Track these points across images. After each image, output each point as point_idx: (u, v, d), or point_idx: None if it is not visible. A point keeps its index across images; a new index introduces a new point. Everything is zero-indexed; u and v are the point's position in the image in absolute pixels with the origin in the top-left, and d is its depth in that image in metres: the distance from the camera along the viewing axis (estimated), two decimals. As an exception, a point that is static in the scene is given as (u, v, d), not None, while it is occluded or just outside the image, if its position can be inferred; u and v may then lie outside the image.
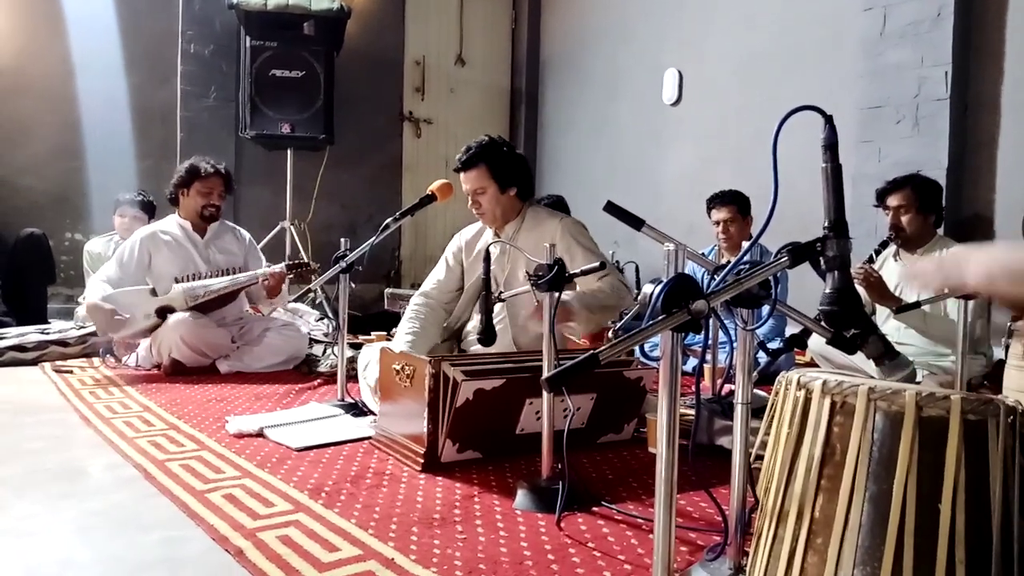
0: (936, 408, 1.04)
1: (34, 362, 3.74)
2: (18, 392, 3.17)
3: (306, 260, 4.03)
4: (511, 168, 2.71)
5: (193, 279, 3.65)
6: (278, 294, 3.73)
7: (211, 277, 3.68)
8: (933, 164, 3.71)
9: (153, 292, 3.59)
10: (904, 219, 3.34)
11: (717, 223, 4.04)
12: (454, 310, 2.88)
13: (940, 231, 3.42)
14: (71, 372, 3.54)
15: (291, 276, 3.68)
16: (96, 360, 3.84)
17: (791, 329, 3.68)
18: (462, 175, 2.71)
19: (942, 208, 3.39)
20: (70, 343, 3.92)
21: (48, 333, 3.95)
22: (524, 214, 2.78)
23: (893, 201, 3.35)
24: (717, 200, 4.05)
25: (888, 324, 3.41)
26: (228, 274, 3.69)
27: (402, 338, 2.73)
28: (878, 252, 3.34)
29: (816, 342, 2.82)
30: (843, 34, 4.27)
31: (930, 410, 1.05)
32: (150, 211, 4.67)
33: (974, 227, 3.73)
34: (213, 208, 3.79)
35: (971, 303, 2.49)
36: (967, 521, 1.03)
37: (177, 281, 3.64)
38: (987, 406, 1.05)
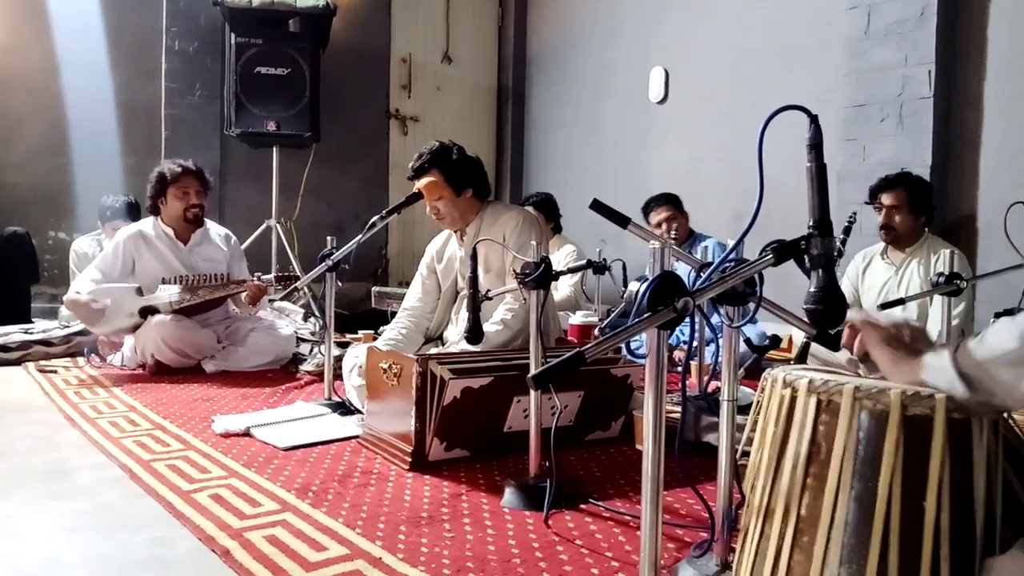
0: (921, 407, 1.05)
1: (18, 362, 3.71)
2: (2, 392, 3.14)
3: (296, 273, 4.02)
4: (462, 170, 2.74)
5: (179, 282, 3.64)
6: (258, 303, 3.73)
7: (196, 282, 3.66)
8: (917, 162, 3.73)
9: (139, 291, 3.57)
10: (897, 218, 3.36)
11: (658, 224, 4.17)
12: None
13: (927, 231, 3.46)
14: (55, 372, 3.51)
15: (278, 287, 3.67)
16: (81, 360, 3.82)
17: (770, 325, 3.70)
18: (416, 184, 2.73)
19: (932, 208, 3.42)
20: (54, 343, 3.89)
21: (32, 333, 3.92)
22: (483, 213, 2.81)
23: (887, 200, 3.37)
24: (653, 203, 4.22)
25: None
26: (213, 281, 3.68)
27: (384, 345, 2.74)
28: (843, 241, 3.37)
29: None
30: (828, 33, 4.29)
31: (915, 409, 1.05)
32: (137, 213, 4.64)
33: (958, 225, 3.76)
34: (196, 208, 3.74)
35: (955, 300, 2.52)
36: (951, 519, 1.03)
37: (164, 282, 3.62)
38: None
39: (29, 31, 5.01)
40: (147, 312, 3.53)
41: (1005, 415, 1.11)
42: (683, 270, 3.28)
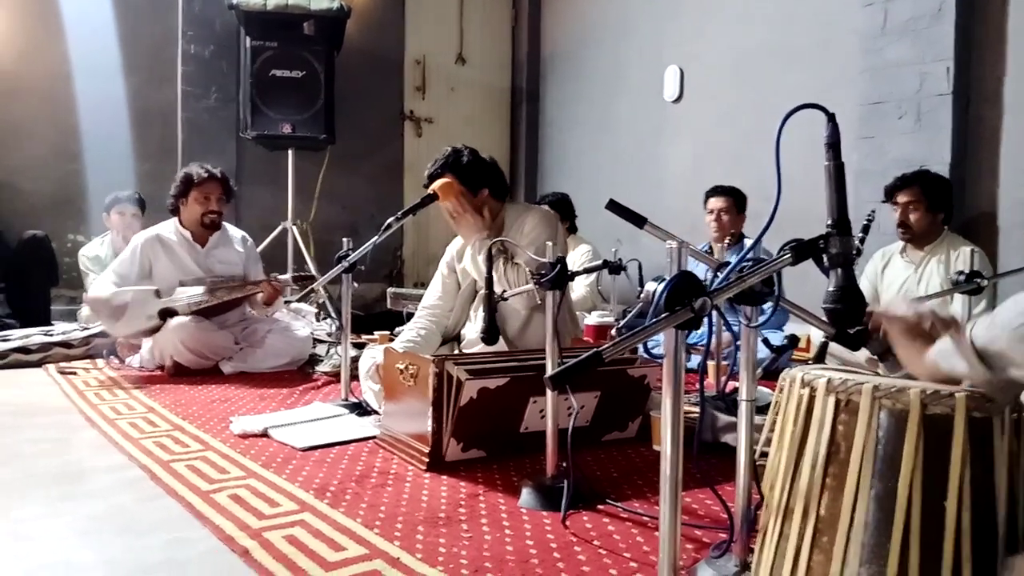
0: (941, 406, 1.04)
1: (38, 364, 3.75)
2: (22, 394, 3.17)
3: (311, 273, 4.05)
4: (477, 172, 2.75)
5: (196, 284, 3.67)
6: (274, 304, 3.75)
7: (213, 284, 3.69)
8: (936, 160, 3.70)
9: (157, 293, 3.60)
10: (912, 217, 3.34)
11: (711, 211, 4.20)
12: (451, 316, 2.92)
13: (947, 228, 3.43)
14: (75, 373, 3.55)
15: (294, 288, 3.69)
16: (100, 361, 3.85)
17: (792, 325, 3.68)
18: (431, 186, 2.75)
19: (951, 206, 3.39)
20: (74, 344, 3.93)
21: (52, 335, 3.95)
22: (504, 213, 2.82)
23: (902, 198, 3.35)
24: (717, 190, 4.23)
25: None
26: (230, 282, 3.72)
27: (401, 346, 2.74)
28: (862, 240, 3.35)
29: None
30: (844, 30, 4.26)
31: (935, 408, 1.05)
32: (144, 207, 4.77)
33: (978, 222, 3.72)
34: (214, 215, 3.78)
35: (975, 298, 2.50)
36: (973, 518, 1.03)
37: (182, 284, 3.65)
38: (992, 403, 1.05)
39: (44, 37, 5.05)
40: (165, 314, 3.55)
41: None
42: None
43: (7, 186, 4.95)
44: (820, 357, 1.94)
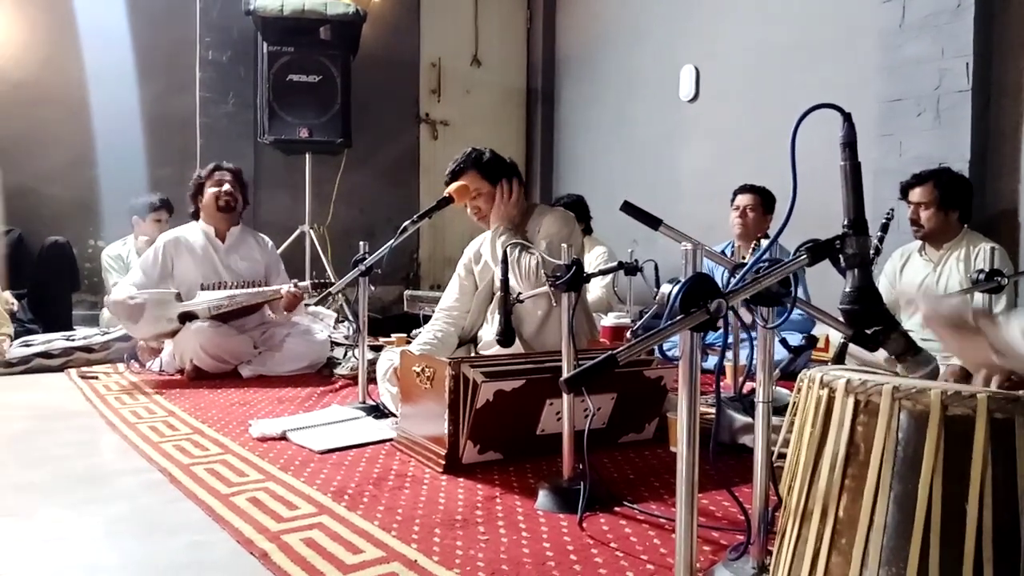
0: (962, 407, 1.03)
1: (60, 368, 3.80)
2: (45, 398, 3.21)
3: (330, 280, 4.08)
4: (498, 167, 2.78)
5: (217, 288, 3.70)
6: (295, 308, 3.78)
7: (235, 287, 3.72)
8: (956, 157, 3.66)
9: (179, 297, 3.63)
10: (923, 215, 3.32)
11: (737, 208, 4.13)
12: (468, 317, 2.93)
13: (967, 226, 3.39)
14: (96, 378, 3.58)
15: (313, 294, 3.73)
16: (120, 365, 3.89)
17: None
18: (449, 187, 2.77)
19: (969, 204, 3.35)
20: (95, 349, 3.97)
21: (73, 340, 4.00)
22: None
23: (914, 196, 3.34)
24: (746, 187, 4.17)
25: (912, 320, 3.37)
26: (252, 286, 3.74)
27: (418, 348, 2.75)
28: (881, 239, 3.32)
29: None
30: (861, 26, 4.23)
31: (956, 409, 1.03)
32: (171, 211, 4.87)
33: (998, 220, 3.68)
34: (228, 196, 3.82)
35: (995, 297, 2.47)
36: (995, 520, 1.01)
37: (203, 288, 3.68)
38: (1014, 404, 1.03)
39: (63, 46, 5.11)
40: (186, 318, 3.58)
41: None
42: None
43: (29, 192, 5.01)
44: (840, 358, 1.92)
